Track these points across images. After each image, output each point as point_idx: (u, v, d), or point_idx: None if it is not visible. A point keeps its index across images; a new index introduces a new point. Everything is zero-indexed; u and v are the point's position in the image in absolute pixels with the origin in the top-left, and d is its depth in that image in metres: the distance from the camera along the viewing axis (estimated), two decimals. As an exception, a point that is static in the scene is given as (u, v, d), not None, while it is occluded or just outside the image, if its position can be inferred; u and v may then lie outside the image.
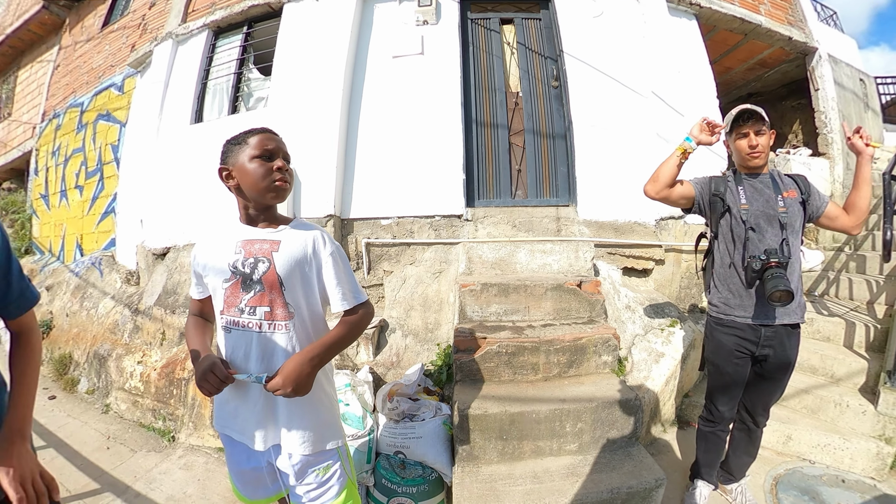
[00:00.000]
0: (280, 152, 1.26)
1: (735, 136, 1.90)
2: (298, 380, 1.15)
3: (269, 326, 1.22)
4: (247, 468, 1.34)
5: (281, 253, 1.23)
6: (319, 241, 1.28)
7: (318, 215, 3.38)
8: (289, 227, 1.30)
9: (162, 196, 4.18)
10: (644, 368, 2.82)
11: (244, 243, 1.25)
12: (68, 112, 6.31)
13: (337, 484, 1.33)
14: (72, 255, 5.75)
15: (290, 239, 1.26)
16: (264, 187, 1.22)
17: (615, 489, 1.96)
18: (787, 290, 1.65)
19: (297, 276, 1.24)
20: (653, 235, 3.52)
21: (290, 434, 1.25)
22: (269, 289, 1.21)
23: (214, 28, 4.42)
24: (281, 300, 1.22)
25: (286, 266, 1.22)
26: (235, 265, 1.23)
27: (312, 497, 1.31)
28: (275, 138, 1.28)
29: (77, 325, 4.43)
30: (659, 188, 1.94)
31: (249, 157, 1.22)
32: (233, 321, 1.24)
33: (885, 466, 2.39)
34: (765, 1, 5.00)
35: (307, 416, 1.27)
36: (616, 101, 3.67)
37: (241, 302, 1.22)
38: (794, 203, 1.85)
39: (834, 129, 5.18)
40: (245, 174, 1.22)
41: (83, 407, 3.53)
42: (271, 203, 1.28)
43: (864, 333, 3.00)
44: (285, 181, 1.24)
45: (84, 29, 6.63)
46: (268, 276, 1.21)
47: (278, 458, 1.28)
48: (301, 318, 1.26)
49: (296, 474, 1.28)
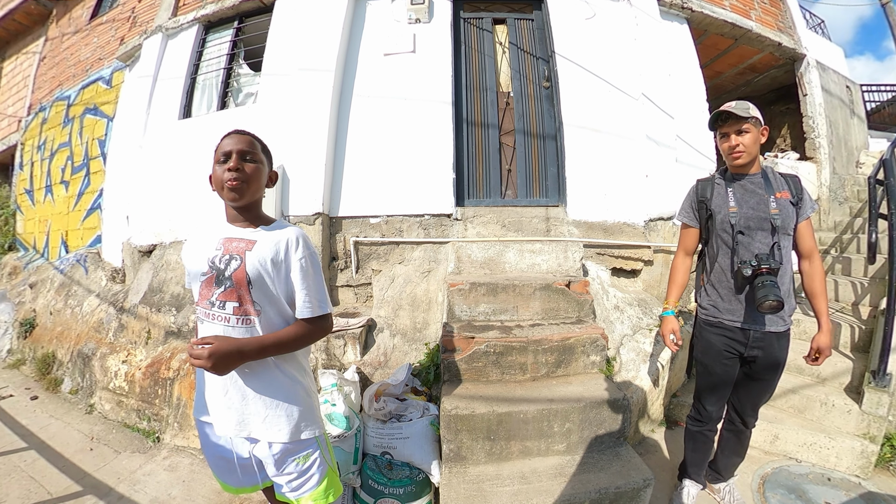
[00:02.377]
0: (236, 152, 1.28)
1: (718, 137, 1.86)
2: (218, 359, 1.16)
3: (237, 321, 1.26)
4: (223, 455, 1.37)
5: (253, 252, 1.27)
6: (292, 243, 1.31)
7: (306, 213, 3.34)
8: (266, 228, 1.34)
9: (149, 192, 4.11)
10: (632, 368, 2.83)
11: (225, 241, 1.31)
12: (55, 105, 6.19)
13: (318, 472, 1.37)
14: (57, 252, 5.64)
15: (264, 239, 1.30)
16: (220, 190, 1.30)
17: (603, 489, 1.96)
18: (777, 300, 1.64)
19: (265, 276, 1.27)
20: (641, 236, 3.53)
21: (266, 423, 1.29)
22: (238, 286, 1.25)
23: (205, 22, 4.37)
24: (248, 297, 1.26)
25: (255, 265, 1.26)
26: (213, 261, 1.28)
27: (294, 486, 1.36)
28: (236, 138, 1.31)
29: (61, 324, 4.35)
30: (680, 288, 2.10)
31: (215, 161, 1.31)
32: (205, 313, 1.29)
33: (869, 464, 2.42)
34: (756, 7, 5.06)
35: (282, 405, 1.31)
36: (606, 103, 3.68)
37: (212, 295, 1.27)
38: (786, 204, 1.78)
39: (821, 133, 5.26)
40: (214, 179, 1.32)
41: (66, 407, 3.46)
42: (232, 203, 1.31)
43: (849, 334, 3.03)
44: (236, 181, 1.26)
45: (71, 20, 6.51)
46: (237, 274, 1.25)
47: (256, 448, 1.32)
48: (268, 317, 1.29)
49: (275, 463, 1.33)
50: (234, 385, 1.28)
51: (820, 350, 1.83)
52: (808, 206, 1.82)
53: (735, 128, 1.78)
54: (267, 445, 1.30)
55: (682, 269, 2.08)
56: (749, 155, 1.80)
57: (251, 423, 1.29)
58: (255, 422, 1.29)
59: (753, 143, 1.79)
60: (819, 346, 1.83)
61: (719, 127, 1.84)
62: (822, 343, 1.82)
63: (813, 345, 1.84)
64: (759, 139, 1.81)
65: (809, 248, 1.85)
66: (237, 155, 1.28)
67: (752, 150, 1.79)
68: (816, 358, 1.85)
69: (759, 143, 1.81)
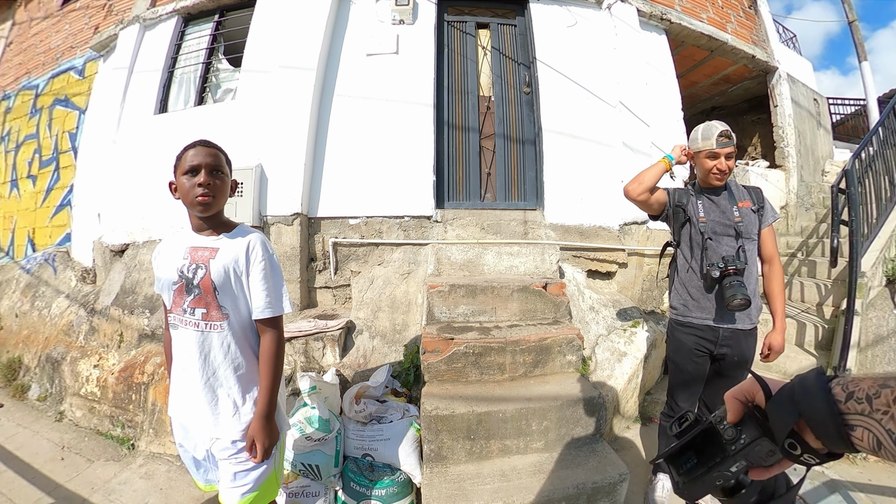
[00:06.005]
0: (206, 166, 1.32)
1: (704, 154, 1.94)
2: (265, 438, 1.34)
3: (206, 326, 1.35)
4: (195, 453, 1.45)
5: (217, 260, 1.34)
6: (253, 248, 1.38)
7: (284, 213, 3.31)
8: (228, 235, 1.40)
9: (122, 190, 3.99)
10: (607, 367, 2.90)
11: (191, 250, 1.37)
12: (20, 94, 5.92)
13: (260, 471, 1.41)
14: (23, 251, 5.41)
15: (225, 247, 1.37)
16: (189, 202, 1.33)
17: (580, 484, 2.01)
18: (745, 298, 1.78)
19: (229, 282, 1.35)
20: (616, 240, 3.62)
21: (225, 420, 1.37)
22: (205, 293, 1.33)
23: (185, 14, 4.27)
24: (215, 303, 1.34)
25: (219, 273, 1.33)
26: (182, 270, 1.35)
27: (235, 484, 1.38)
28: (202, 152, 1.34)
29: (28, 327, 4.17)
30: (641, 190, 2.03)
31: (181, 173, 1.33)
32: (179, 319, 1.36)
33: (831, 454, 2.54)
34: (732, 20, 5.24)
35: (248, 406, 1.40)
36: (585, 110, 3.77)
37: (184, 303, 1.35)
38: (748, 212, 1.95)
39: (790, 143, 5.48)
40: (179, 189, 1.36)
41: (34, 415, 3.31)
42: (201, 215, 1.37)
43: (813, 333, 3.18)
44: (206, 195, 1.31)
45: (41, 4, 6.22)
46: (204, 282, 1.33)
47: (214, 445, 1.39)
48: (236, 319, 1.38)
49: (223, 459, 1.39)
50: (201, 384, 1.36)
51: (771, 347, 1.98)
52: (769, 215, 2.00)
53: (727, 151, 1.90)
54: (230, 442, 1.37)
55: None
56: (727, 176, 1.96)
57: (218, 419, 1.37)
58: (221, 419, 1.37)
59: (733, 166, 1.95)
60: (771, 343, 1.98)
61: (710, 148, 1.91)
62: (774, 341, 1.97)
63: (765, 341, 1.99)
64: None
65: (770, 253, 2.01)
66: (206, 170, 1.32)
67: (731, 172, 1.96)
68: (768, 355, 1.99)
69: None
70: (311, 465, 2.12)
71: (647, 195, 2.04)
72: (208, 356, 1.35)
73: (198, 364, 1.35)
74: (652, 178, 2.02)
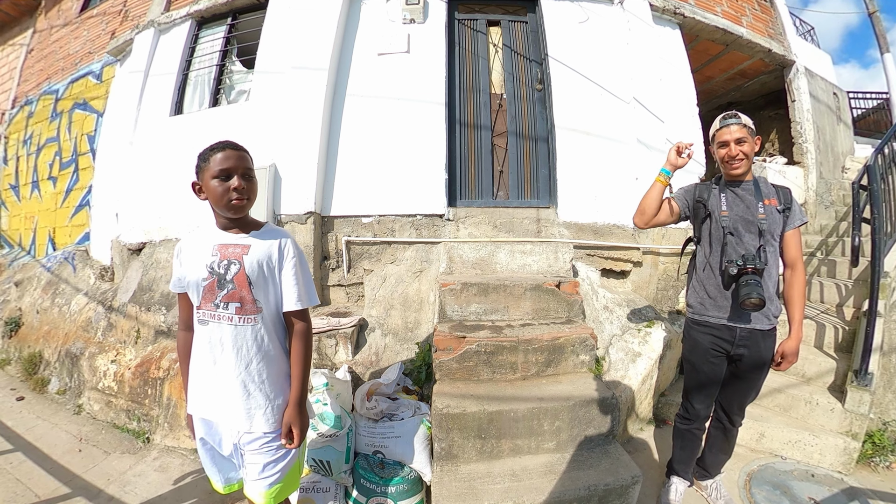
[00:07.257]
0: (238, 169, 1.34)
1: (717, 145, 1.92)
2: (301, 423, 1.42)
3: (241, 320, 1.37)
4: (219, 449, 1.46)
5: (250, 256, 1.38)
6: (285, 245, 1.44)
7: (297, 212, 3.34)
8: (258, 233, 1.44)
9: (139, 190, 4.07)
10: (621, 368, 2.86)
11: (220, 247, 1.39)
12: (42, 99, 6.09)
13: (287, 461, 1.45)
14: (44, 250, 5.56)
15: (257, 244, 1.41)
16: (223, 205, 1.35)
17: (592, 486, 1.99)
18: (760, 298, 1.70)
19: (262, 277, 1.39)
20: (631, 238, 3.57)
21: (258, 412, 1.39)
22: (240, 287, 1.36)
23: (198, 18, 4.34)
24: (250, 297, 1.37)
25: (253, 268, 1.37)
26: (212, 266, 1.37)
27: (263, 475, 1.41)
28: (233, 155, 1.35)
29: (48, 323, 4.28)
30: (647, 219, 2.01)
31: (211, 176, 1.33)
32: (211, 314, 1.38)
33: (851, 461, 2.48)
34: (747, 13, 5.13)
35: (279, 397, 1.43)
36: (598, 106, 3.72)
37: (216, 298, 1.36)
38: (773, 211, 1.86)
39: (809, 139, 5.35)
40: (209, 192, 1.36)
41: (54, 408, 3.40)
42: (232, 217, 1.40)
43: (833, 335, 3.09)
44: (241, 199, 1.35)
45: (61, 12, 6.40)
46: (238, 277, 1.36)
47: (242, 438, 1.41)
48: (268, 312, 1.42)
49: (253, 451, 1.40)
50: (234, 378, 1.37)
51: (784, 355, 1.88)
52: (796, 217, 1.89)
53: (735, 136, 1.84)
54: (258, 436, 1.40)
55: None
56: (747, 164, 1.88)
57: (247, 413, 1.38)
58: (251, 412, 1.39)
59: (751, 152, 1.87)
60: (784, 350, 1.88)
61: (719, 135, 1.89)
62: (788, 349, 1.87)
63: (779, 349, 1.90)
64: (754, 148, 1.89)
65: (793, 257, 1.91)
66: (239, 174, 1.34)
67: (750, 159, 1.88)
68: (780, 363, 1.90)
69: (753, 153, 1.90)
70: (322, 460, 2.13)
71: (655, 219, 2.02)
72: (241, 349, 1.37)
73: (232, 357, 1.36)
74: (653, 202, 1.99)
